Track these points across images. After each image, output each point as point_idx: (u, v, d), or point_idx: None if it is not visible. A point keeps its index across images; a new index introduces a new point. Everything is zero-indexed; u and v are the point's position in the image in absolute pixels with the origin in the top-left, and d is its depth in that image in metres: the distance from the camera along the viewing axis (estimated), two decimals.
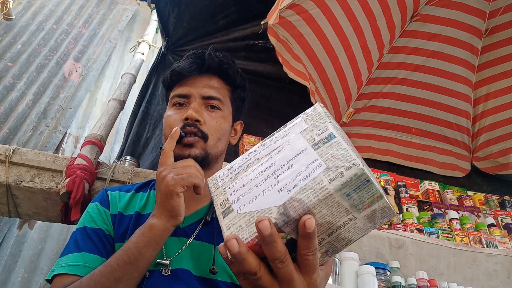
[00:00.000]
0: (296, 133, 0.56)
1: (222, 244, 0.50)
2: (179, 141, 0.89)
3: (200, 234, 0.88)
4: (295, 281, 0.49)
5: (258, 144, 0.60)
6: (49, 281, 0.82)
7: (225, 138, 1.01)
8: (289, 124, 0.59)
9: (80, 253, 0.83)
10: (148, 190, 0.99)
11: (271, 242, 0.46)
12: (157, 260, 0.82)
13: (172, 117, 0.97)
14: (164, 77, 1.06)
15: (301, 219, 0.46)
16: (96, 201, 0.94)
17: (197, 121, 0.94)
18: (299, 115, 0.60)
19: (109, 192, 0.97)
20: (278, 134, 0.59)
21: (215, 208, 0.57)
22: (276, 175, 0.52)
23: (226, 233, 0.52)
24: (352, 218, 0.48)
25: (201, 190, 0.79)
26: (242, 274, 0.51)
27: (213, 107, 0.98)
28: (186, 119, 0.93)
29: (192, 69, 1.00)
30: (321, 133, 0.53)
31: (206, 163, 0.93)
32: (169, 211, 0.75)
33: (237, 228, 0.51)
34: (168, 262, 0.82)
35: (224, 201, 0.56)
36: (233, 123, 1.05)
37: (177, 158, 0.86)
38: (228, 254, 0.48)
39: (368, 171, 0.48)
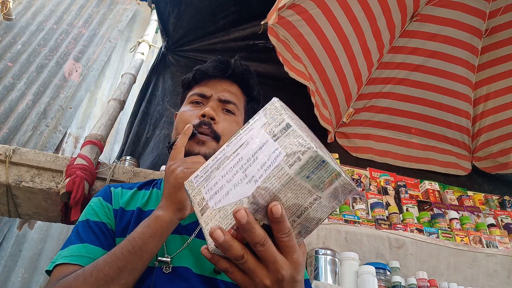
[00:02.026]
0: (258, 127, 0.60)
1: (204, 246, 0.53)
2: (192, 137, 0.91)
3: (201, 232, 0.88)
4: (278, 261, 0.52)
5: (226, 143, 0.64)
6: (49, 272, 0.82)
7: None
8: (251, 121, 0.63)
9: (82, 244, 0.83)
10: (151, 188, 1.00)
11: (250, 229, 0.50)
12: (158, 257, 0.82)
13: (188, 112, 1.00)
14: (186, 76, 1.11)
15: (268, 206, 0.50)
16: (99, 196, 0.96)
17: (213, 119, 0.97)
18: (260, 111, 0.63)
19: (112, 188, 0.98)
20: (242, 131, 0.62)
21: (194, 207, 0.60)
22: (243, 169, 0.55)
23: (205, 229, 0.55)
24: (316, 198, 0.52)
25: None
26: (229, 266, 0.53)
27: (228, 110, 1.02)
28: (203, 116, 0.97)
29: (216, 72, 1.05)
30: (279, 124, 0.57)
31: None
32: (176, 203, 0.77)
33: (214, 223, 0.54)
34: (169, 259, 0.83)
35: (201, 200, 0.59)
36: None
37: (187, 154, 0.88)
38: (212, 246, 0.52)
39: (323, 153, 0.51)
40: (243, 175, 0.54)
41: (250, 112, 1.10)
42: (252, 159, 0.55)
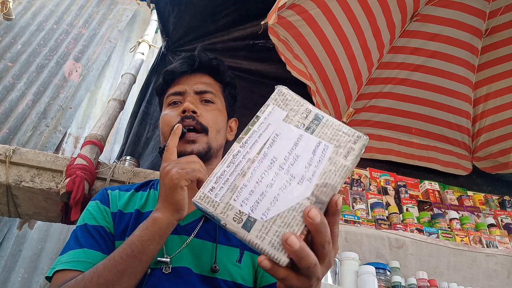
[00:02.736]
0: (278, 121, 0.56)
1: (262, 256, 0.49)
2: (181, 137, 0.90)
3: (200, 232, 0.88)
4: (331, 254, 0.52)
5: (238, 145, 0.56)
6: (49, 278, 0.82)
7: (223, 132, 1.03)
8: (262, 115, 0.57)
9: (81, 249, 0.83)
10: (148, 189, 1.00)
11: (324, 227, 0.49)
12: (158, 258, 0.82)
13: (169, 114, 0.99)
14: (157, 84, 1.10)
15: (332, 199, 0.50)
16: (96, 200, 0.95)
17: (194, 112, 0.96)
18: (267, 103, 0.59)
19: (109, 191, 0.97)
20: (255, 127, 0.57)
21: (226, 226, 0.52)
22: (285, 169, 0.52)
23: (262, 244, 0.50)
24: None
25: None
26: (288, 274, 0.50)
27: (207, 101, 1.02)
28: (184, 111, 0.95)
29: (184, 67, 1.04)
30: (306, 116, 0.55)
31: (208, 157, 0.95)
32: (173, 204, 0.76)
33: (274, 234, 0.49)
34: (168, 260, 0.83)
35: (237, 215, 0.51)
36: (228, 119, 1.08)
37: (180, 155, 0.87)
38: (276, 255, 0.48)
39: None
40: (289, 176, 0.51)
41: (229, 98, 1.09)
42: (292, 157, 0.53)
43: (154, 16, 3.04)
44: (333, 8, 1.98)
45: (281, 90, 0.60)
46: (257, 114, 0.58)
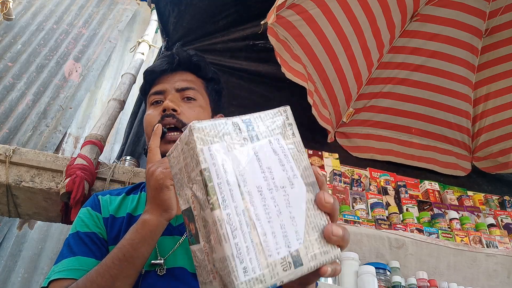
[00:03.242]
0: (226, 157, 0.49)
1: (324, 268, 0.50)
2: (162, 138, 0.89)
3: None
4: None
5: (219, 210, 0.46)
6: None
7: None
8: (207, 163, 0.47)
9: (75, 257, 0.82)
10: (139, 192, 0.99)
11: (337, 204, 0.55)
12: (152, 261, 0.82)
13: (151, 114, 0.98)
14: (141, 85, 1.09)
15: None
16: (87, 206, 0.94)
17: (175, 110, 0.94)
18: (198, 152, 0.48)
19: (99, 196, 0.97)
20: (214, 180, 0.47)
21: (284, 283, 0.46)
22: (273, 187, 0.50)
23: (319, 260, 0.49)
24: None
25: None
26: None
27: (189, 98, 1.00)
28: (164, 110, 0.94)
29: (163, 65, 1.03)
30: (240, 129, 0.51)
31: None
32: (161, 205, 0.75)
33: (317, 242, 0.50)
34: (162, 261, 0.82)
35: (283, 263, 0.47)
36: (213, 115, 1.06)
37: (163, 155, 0.86)
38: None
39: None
40: (282, 190, 0.50)
41: (213, 94, 1.07)
42: (268, 173, 0.50)
43: (154, 16, 3.04)
44: (333, 8, 1.98)
45: (195, 127, 0.48)
46: (200, 166, 0.47)
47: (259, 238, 0.46)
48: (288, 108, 0.54)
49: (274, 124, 0.52)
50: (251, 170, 0.48)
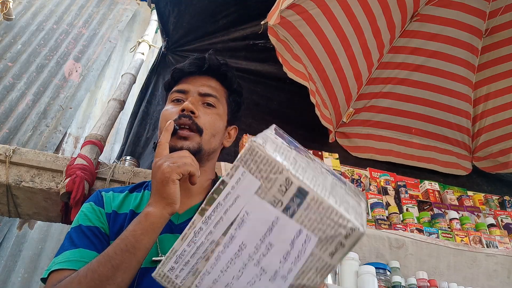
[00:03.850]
0: (249, 195, 0.43)
1: None
2: (174, 134, 0.91)
3: None
4: None
5: (201, 219, 0.45)
6: (45, 280, 0.82)
7: (219, 137, 1.03)
8: (230, 181, 0.44)
9: (76, 249, 0.83)
10: (142, 190, 1.00)
11: None
12: (153, 258, 0.83)
13: (169, 110, 1.00)
14: (165, 80, 1.11)
15: None
16: (90, 201, 0.95)
17: (193, 113, 0.97)
18: (236, 164, 0.44)
19: (103, 192, 0.98)
20: (221, 198, 0.45)
21: None
22: (255, 260, 0.43)
23: None
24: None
25: (196, 179, 0.81)
26: None
27: (209, 104, 1.02)
28: (183, 110, 0.96)
29: (193, 68, 1.06)
30: (286, 190, 0.41)
31: (199, 158, 0.94)
32: (165, 198, 0.76)
33: None
34: (163, 258, 0.83)
35: None
36: (228, 125, 1.08)
37: (171, 150, 0.88)
38: None
39: (362, 219, 0.40)
40: (259, 269, 0.43)
41: (233, 105, 1.09)
42: (264, 246, 0.42)
43: (154, 16, 3.04)
44: (333, 8, 1.98)
45: (254, 147, 0.43)
46: (222, 178, 0.45)
47: (203, 269, 0.45)
48: (360, 235, 0.41)
49: (328, 227, 0.40)
50: (254, 227, 0.42)
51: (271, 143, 0.43)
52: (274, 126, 0.49)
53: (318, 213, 0.40)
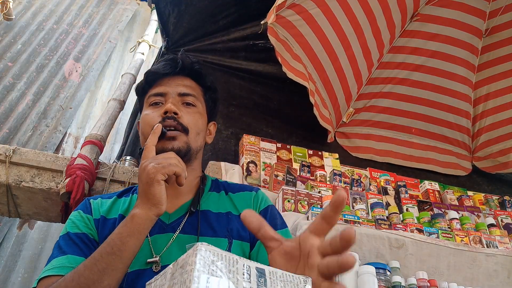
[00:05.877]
0: None
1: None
2: (162, 137, 0.91)
3: (185, 227, 0.89)
4: None
5: None
6: None
7: (203, 135, 1.04)
8: None
9: (64, 256, 0.83)
10: (131, 194, 1.00)
11: None
12: (147, 260, 0.83)
13: (150, 115, 1.00)
14: (138, 84, 1.11)
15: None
16: (78, 209, 0.96)
17: (176, 114, 0.97)
18: (195, 274, 0.40)
19: (91, 200, 0.98)
20: None
21: None
22: None
23: None
24: None
25: (183, 180, 0.80)
26: None
27: (188, 103, 1.02)
28: (165, 112, 0.96)
29: (167, 69, 1.05)
30: (249, 275, 0.41)
31: (188, 157, 0.95)
32: (151, 199, 0.76)
33: None
34: (157, 259, 0.83)
35: None
36: (207, 122, 1.09)
37: (161, 152, 0.88)
38: None
39: None
40: None
41: (209, 102, 1.10)
42: None
43: (154, 16, 3.04)
44: (333, 8, 1.98)
45: (202, 249, 0.41)
46: None
47: None
48: (310, 280, 0.46)
49: None
50: None
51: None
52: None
53: (279, 282, 0.43)
